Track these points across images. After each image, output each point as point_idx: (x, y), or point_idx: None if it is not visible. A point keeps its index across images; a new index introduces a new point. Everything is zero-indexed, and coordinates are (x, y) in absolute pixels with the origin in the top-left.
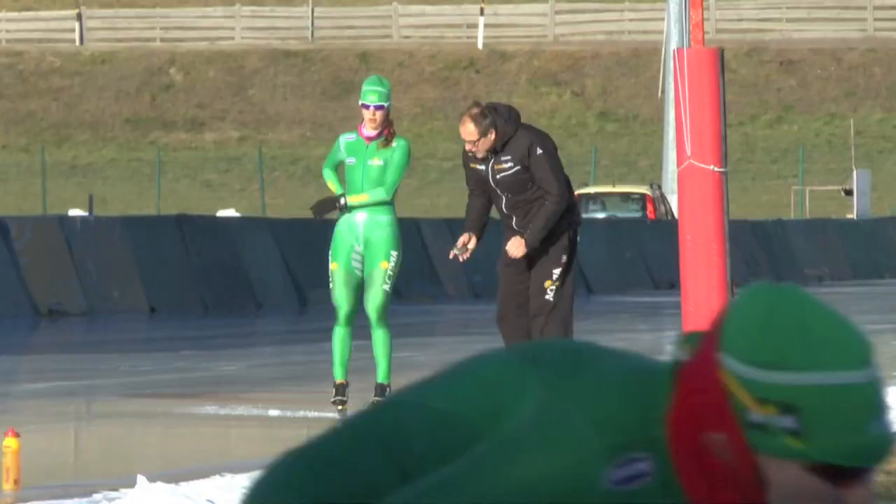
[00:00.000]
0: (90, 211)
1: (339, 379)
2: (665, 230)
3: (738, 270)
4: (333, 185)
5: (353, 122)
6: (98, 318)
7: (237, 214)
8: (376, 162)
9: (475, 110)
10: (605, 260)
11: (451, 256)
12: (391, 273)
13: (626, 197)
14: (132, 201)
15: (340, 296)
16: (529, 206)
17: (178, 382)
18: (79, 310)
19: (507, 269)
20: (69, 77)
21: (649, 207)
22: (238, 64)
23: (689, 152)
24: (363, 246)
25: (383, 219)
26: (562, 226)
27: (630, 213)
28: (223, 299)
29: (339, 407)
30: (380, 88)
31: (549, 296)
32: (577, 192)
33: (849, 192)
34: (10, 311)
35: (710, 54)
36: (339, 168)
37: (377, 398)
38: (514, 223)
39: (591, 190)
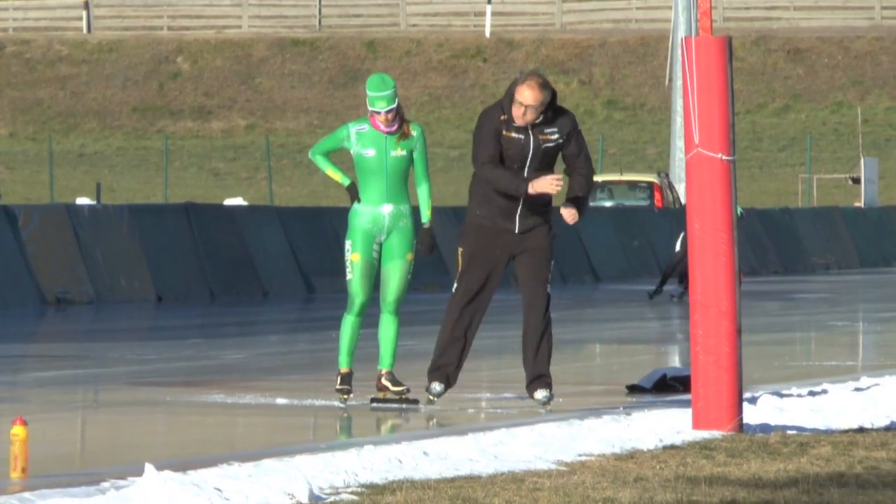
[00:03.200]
0: (97, 199)
1: (345, 367)
2: (672, 218)
3: (746, 259)
4: (334, 173)
5: (361, 111)
6: (105, 306)
7: (244, 203)
8: (400, 153)
9: (540, 78)
10: (612, 248)
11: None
12: (412, 262)
13: (633, 185)
14: (139, 190)
15: (358, 286)
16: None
17: (186, 371)
18: (86, 298)
19: (493, 260)
20: (76, 65)
21: (657, 196)
22: (245, 52)
23: (696, 140)
24: (386, 236)
25: (406, 208)
26: (550, 217)
27: (637, 201)
28: (230, 288)
29: (345, 396)
30: (386, 93)
31: (548, 288)
32: None
33: (856, 181)
34: (17, 299)
35: (718, 43)
36: (330, 155)
37: (392, 384)
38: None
39: (599, 178)
